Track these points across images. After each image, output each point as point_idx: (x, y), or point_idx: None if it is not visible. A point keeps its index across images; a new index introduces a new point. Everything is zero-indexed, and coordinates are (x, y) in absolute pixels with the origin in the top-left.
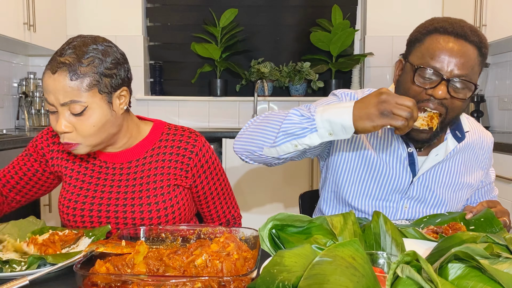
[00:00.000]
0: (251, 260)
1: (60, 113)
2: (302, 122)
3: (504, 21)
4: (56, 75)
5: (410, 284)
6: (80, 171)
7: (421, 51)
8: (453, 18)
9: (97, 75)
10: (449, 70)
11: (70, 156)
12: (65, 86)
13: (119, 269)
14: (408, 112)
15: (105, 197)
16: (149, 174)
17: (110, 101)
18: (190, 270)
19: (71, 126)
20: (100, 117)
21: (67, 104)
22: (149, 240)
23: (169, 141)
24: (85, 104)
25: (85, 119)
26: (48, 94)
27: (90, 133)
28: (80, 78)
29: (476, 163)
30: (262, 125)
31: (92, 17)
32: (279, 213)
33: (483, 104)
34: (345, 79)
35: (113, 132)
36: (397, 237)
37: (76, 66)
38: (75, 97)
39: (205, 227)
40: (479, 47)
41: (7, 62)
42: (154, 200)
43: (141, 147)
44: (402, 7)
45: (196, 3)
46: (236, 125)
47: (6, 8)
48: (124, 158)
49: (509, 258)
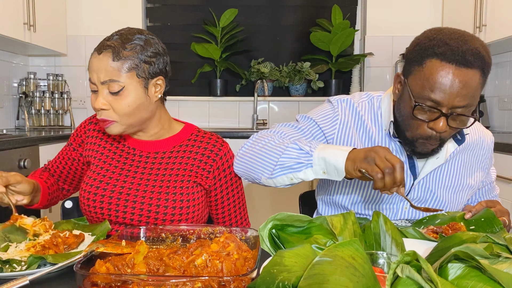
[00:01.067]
0: (251, 260)
1: (100, 91)
2: (300, 157)
3: (504, 21)
4: (101, 55)
5: (410, 284)
6: (108, 155)
7: (420, 78)
8: (453, 36)
9: (137, 60)
10: (450, 104)
11: (102, 141)
12: (107, 66)
13: (119, 269)
14: (388, 168)
15: (128, 182)
16: (173, 168)
17: (146, 86)
18: (190, 270)
19: (108, 104)
20: (135, 99)
21: (107, 83)
22: (149, 240)
23: (197, 141)
24: (123, 84)
25: (121, 99)
26: (92, 73)
27: (125, 112)
28: (121, 60)
29: (476, 163)
30: (262, 153)
31: (92, 17)
32: (279, 213)
33: (483, 104)
34: (345, 79)
35: (145, 116)
36: (397, 237)
37: (119, 49)
38: (114, 77)
39: (205, 227)
40: (482, 69)
41: (7, 62)
42: (172, 191)
43: (170, 142)
44: (402, 7)
45: (196, 3)
46: (236, 125)
47: (6, 8)
48: (152, 148)
49: (509, 258)
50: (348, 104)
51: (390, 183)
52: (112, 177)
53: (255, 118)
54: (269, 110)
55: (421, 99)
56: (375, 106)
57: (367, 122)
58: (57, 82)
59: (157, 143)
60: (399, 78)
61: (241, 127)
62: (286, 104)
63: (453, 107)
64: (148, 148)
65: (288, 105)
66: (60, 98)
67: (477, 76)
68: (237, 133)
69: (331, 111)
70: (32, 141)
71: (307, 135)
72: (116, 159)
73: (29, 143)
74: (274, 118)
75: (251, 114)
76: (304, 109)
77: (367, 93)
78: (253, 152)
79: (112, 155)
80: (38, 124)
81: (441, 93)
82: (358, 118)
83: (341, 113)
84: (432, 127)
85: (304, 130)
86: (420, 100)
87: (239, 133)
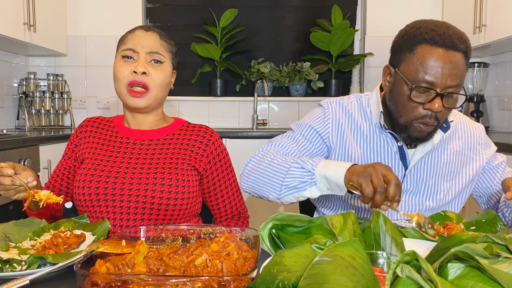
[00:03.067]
0: (251, 260)
1: (143, 59)
2: (303, 176)
3: (504, 21)
4: (150, 32)
5: (410, 284)
6: (102, 147)
7: (413, 63)
8: (437, 24)
9: (173, 48)
10: (443, 83)
11: (95, 139)
12: (156, 41)
13: (119, 268)
14: (381, 187)
15: (123, 167)
16: (167, 152)
17: (172, 70)
18: (190, 270)
19: (148, 71)
20: (168, 74)
21: (153, 53)
22: (149, 240)
23: (189, 131)
24: (165, 59)
25: (161, 70)
26: (136, 44)
27: (160, 83)
28: (166, 42)
29: (468, 149)
30: (267, 173)
31: (92, 17)
32: (279, 213)
33: (483, 104)
34: (345, 79)
35: (164, 95)
36: (397, 237)
37: (163, 33)
38: (160, 51)
39: (205, 227)
40: (465, 52)
41: (7, 62)
42: (168, 172)
43: (163, 131)
44: (402, 7)
45: (196, 3)
46: (236, 125)
47: (6, 8)
48: (146, 136)
49: (508, 258)
50: (337, 104)
51: (380, 201)
52: (107, 165)
53: (255, 118)
54: (269, 110)
55: (416, 82)
56: (363, 104)
57: (357, 119)
58: (57, 82)
59: (151, 132)
60: (388, 69)
61: (241, 127)
62: (286, 104)
63: (445, 87)
64: (143, 136)
65: (288, 105)
66: (60, 98)
67: (463, 58)
68: (237, 133)
69: (321, 113)
70: (32, 141)
71: (304, 143)
72: (109, 150)
73: (29, 143)
74: (274, 118)
75: (251, 114)
76: (304, 109)
77: (355, 94)
78: (259, 172)
79: (106, 147)
80: (38, 124)
81: (435, 75)
82: (348, 116)
83: (332, 113)
84: (428, 107)
85: (299, 139)
86: (416, 83)
87: (239, 133)
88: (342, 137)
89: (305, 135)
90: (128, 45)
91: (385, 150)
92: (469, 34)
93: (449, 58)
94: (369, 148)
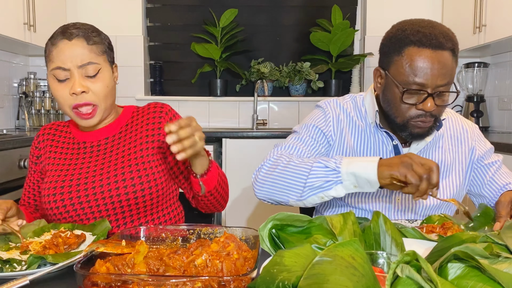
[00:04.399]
0: (251, 260)
1: (76, 76)
2: (328, 175)
3: (504, 21)
4: (74, 41)
5: (410, 284)
6: (61, 157)
7: (402, 66)
8: (422, 24)
9: (105, 45)
10: (433, 84)
11: (52, 148)
12: (83, 50)
13: (119, 268)
14: (426, 174)
15: (89, 176)
16: (125, 144)
17: (111, 70)
18: (190, 270)
19: (86, 87)
20: (109, 79)
21: (85, 66)
22: (149, 240)
23: (140, 114)
24: (100, 66)
25: (99, 80)
26: (63, 60)
27: (104, 94)
28: (95, 44)
29: (462, 146)
30: (285, 176)
31: (92, 17)
32: (279, 213)
33: (483, 104)
34: (345, 79)
35: (113, 99)
36: (397, 237)
37: (89, 35)
38: (92, 59)
39: (205, 227)
40: (452, 50)
41: (7, 62)
42: (135, 168)
43: (116, 125)
44: (402, 7)
45: (196, 3)
46: (236, 125)
47: (6, 8)
48: (101, 135)
49: (508, 258)
50: (335, 103)
51: (426, 189)
52: (68, 174)
53: (255, 118)
54: (269, 110)
55: (407, 85)
56: (358, 104)
57: (354, 118)
58: None
59: (104, 130)
60: (378, 72)
61: (241, 127)
62: (286, 104)
63: (436, 87)
64: (97, 136)
65: (288, 105)
66: None
67: (451, 56)
68: (237, 133)
69: (322, 112)
70: (32, 141)
71: (312, 143)
72: (69, 158)
73: (29, 143)
74: (274, 118)
75: (251, 114)
76: (304, 109)
77: (350, 95)
78: (275, 176)
79: (65, 156)
80: (38, 124)
81: (424, 76)
82: (346, 115)
83: (331, 111)
84: (421, 108)
85: (306, 139)
86: (406, 86)
87: (239, 133)
88: (341, 134)
89: (312, 135)
90: (55, 62)
91: (380, 148)
92: (469, 34)
93: (437, 58)
94: (364, 146)
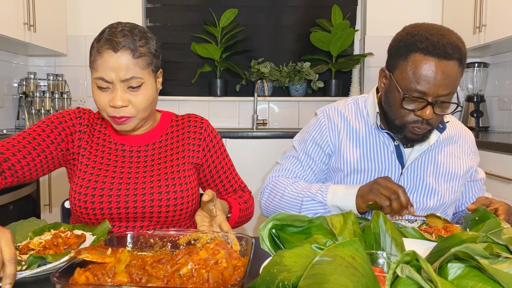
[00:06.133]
0: (241, 269)
1: (119, 89)
2: (317, 208)
3: (504, 21)
4: (119, 53)
5: (410, 284)
6: (97, 154)
7: (406, 71)
8: (432, 31)
9: (151, 55)
10: (434, 93)
11: (89, 138)
12: (129, 61)
13: (99, 278)
14: (393, 194)
15: (131, 182)
16: (166, 155)
17: (155, 79)
18: (174, 280)
19: (127, 100)
20: (152, 92)
21: (128, 80)
22: (137, 246)
23: (179, 125)
24: (143, 80)
25: (141, 94)
26: (107, 72)
27: (144, 107)
28: (141, 57)
29: (462, 153)
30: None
31: (92, 17)
32: (279, 213)
33: (483, 104)
34: (345, 79)
35: (154, 108)
36: (397, 237)
37: (136, 45)
38: (136, 74)
39: (196, 233)
40: (460, 60)
41: (7, 62)
42: (171, 181)
43: (156, 132)
44: (401, 7)
45: (196, 3)
46: (236, 125)
47: (6, 8)
48: (142, 142)
49: (508, 258)
50: (333, 110)
51: (397, 207)
52: (107, 175)
53: (255, 118)
54: (269, 110)
55: (408, 91)
56: (360, 105)
57: (353, 121)
58: (57, 82)
59: (144, 136)
60: (384, 72)
61: (241, 127)
62: (286, 104)
63: (437, 96)
64: (137, 142)
65: (288, 105)
66: (60, 98)
67: (456, 66)
68: (237, 133)
69: (316, 122)
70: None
71: (308, 161)
72: (106, 157)
73: None
74: (274, 118)
75: (251, 114)
76: (304, 109)
77: (353, 97)
78: (275, 205)
79: (101, 153)
80: None
81: (426, 85)
82: (344, 120)
83: (326, 121)
84: (419, 115)
85: (303, 158)
86: (407, 92)
87: (239, 133)
88: (339, 141)
89: (308, 153)
90: (99, 72)
91: (382, 149)
92: (469, 34)
93: (442, 69)
94: (367, 149)
